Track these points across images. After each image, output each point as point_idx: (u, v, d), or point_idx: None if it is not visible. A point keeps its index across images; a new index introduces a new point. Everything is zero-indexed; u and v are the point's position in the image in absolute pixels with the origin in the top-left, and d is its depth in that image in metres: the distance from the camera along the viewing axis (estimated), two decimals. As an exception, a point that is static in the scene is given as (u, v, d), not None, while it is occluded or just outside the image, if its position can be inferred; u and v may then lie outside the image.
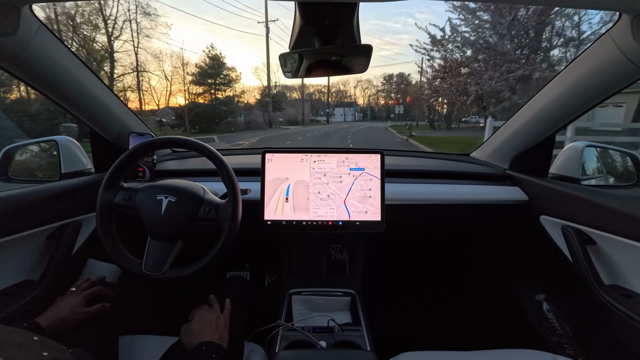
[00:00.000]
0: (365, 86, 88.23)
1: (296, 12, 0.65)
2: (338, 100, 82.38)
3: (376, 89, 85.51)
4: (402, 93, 70.24)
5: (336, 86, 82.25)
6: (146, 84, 24.77)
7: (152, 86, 29.72)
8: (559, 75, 0.91)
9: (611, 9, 0.64)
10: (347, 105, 77.92)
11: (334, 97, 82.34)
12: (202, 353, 0.64)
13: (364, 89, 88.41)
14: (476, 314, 1.47)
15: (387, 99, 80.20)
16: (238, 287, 1.00)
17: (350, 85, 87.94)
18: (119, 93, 6.03)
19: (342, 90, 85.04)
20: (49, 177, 1.09)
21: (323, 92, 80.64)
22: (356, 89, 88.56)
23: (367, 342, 0.90)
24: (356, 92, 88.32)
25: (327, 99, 59.88)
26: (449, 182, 1.18)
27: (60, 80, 0.85)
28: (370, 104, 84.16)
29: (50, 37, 0.77)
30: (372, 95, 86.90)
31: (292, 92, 67.05)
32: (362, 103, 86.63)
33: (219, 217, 0.78)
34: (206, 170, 1.17)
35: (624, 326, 0.75)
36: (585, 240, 0.87)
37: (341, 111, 73.20)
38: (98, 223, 0.77)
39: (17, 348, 0.32)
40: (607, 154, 1.20)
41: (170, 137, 0.83)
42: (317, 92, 78.25)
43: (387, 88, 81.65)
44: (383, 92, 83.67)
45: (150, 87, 30.18)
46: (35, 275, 0.84)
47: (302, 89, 32.14)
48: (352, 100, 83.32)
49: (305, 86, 67.58)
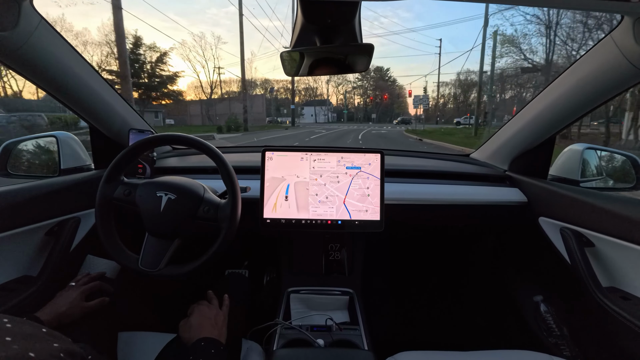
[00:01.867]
0: (339, 82, 73.35)
1: (298, 10, 0.65)
2: (308, 98, 69.50)
3: (352, 85, 71.48)
4: (381, 90, 63.03)
5: (305, 82, 68.78)
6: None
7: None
8: (560, 77, 0.91)
9: (613, 11, 0.64)
10: (318, 103, 65.49)
11: (303, 94, 69.96)
12: (201, 348, 0.64)
13: (338, 85, 73.63)
14: (474, 314, 1.47)
15: (364, 97, 70.80)
16: (237, 284, 1.00)
17: (322, 81, 73.65)
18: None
19: (312, 87, 70.30)
20: (48, 172, 1.09)
21: (289, 89, 64.94)
22: (329, 85, 73.58)
23: (364, 341, 0.90)
24: (329, 88, 73.43)
25: (292, 93, 41.22)
26: (449, 182, 1.18)
27: (61, 76, 0.84)
28: (346, 102, 69.80)
29: (51, 32, 0.77)
30: (348, 92, 72.74)
31: (256, 89, 55.32)
32: (335, 102, 74.20)
33: (217, 217, 0.78)
34: (206, 168, 1.17)
35: (621, 328, 0.75)
36: (583, 242, 0.88)
37: (311, 111, 62.31)
38: (97, 216, 0.77)
39: (28, 339, 0.32)
40: (606, 156, 1.20)
41: (172, 134, 0.83)
42: (283, 88, 64.16)
43: (364, 84, 70.21)
44: (359, 89, 71.00)
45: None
46: (33, 271, 0.84)
47: (242, 82, 22.86)
48: (325, 98, 70.76)
49: (269, 81, 59.56)
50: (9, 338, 0.30)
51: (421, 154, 1.51)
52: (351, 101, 73.62)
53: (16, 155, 1.08)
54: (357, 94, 73.20)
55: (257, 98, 41.71)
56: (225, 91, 43.68)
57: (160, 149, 1.40)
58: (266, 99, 48.06)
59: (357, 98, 73.92)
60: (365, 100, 70.26)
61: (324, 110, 63.79)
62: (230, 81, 50.70)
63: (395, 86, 68.84)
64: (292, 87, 35.30)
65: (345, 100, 68.24)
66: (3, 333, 0.31)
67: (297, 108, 60.48)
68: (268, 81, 60.96)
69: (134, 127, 1.13)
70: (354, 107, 72.43)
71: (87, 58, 0.90)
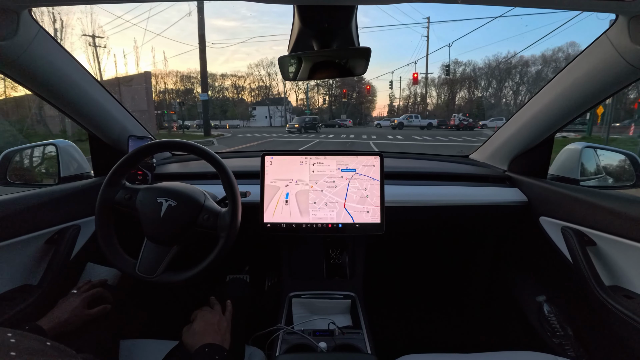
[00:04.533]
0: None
1: (295, 14, 0.66)
2: (264, 96, 57.01)
3: (315, 82, 49.04)
4: (350, 87, 50.08)
5: (257, 76, 57.00)
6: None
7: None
8: (557, 77, 0.91)
9: (608, 11, 0.64)
10: (274, 102, 52.47)
11: (256, 92, 58.05)
12: (205, 355, 0.64)
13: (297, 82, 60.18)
14: (477, 315, 1.47)
15: (330, 96, 58.21)
16: (238, 289, 0.99)
17: (279, 77, 55.14)
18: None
19: (265, 86, 57.69)
20: (48, 181, 1.09)
21: (239, 88, 55.55)
22: (286, 82, 59.98)
23: (367, 345, 0.89)
24: (286, 85, 56.72)
25: (203, 79, 17.32)
26: (449, 183, 1.18)
27: (60, 84, 0.85)
28: (308, 102, 55.49)
29: (50, 41, 0.77)
30: (311, 90, 58.55)
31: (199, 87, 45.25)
32: (295, 102, 59.76)
33: (217, 226, 0.77)
34: (205, 174, 1.17)
35: (625, 327, 0.74)
36: (585, 241, 0.87)
37: (265, 111, 50.82)
38: (96, 219, 0.77)
39: (33, 354, 0.32)
40: (605, 155, 1.20)
41: (173, 140, 0.83)
42: (232, 86, 55.21)
43: (328, 81, 51.00)
44: (323, 87, 58.35)
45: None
46: (33, 279, 0.84)
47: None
48: (283, 96, 55.19)
49: (213, 76, 52.85)
50: (13, 353, 0.30)
51: (420, 155, 1.52)
52: (313, 101, 60.60)
53: (16, 164, 1.08)
54: (320, 93, 60.71)
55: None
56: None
57: (160, 155, 1.40)
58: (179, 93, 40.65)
59: (321, 97, 61.23)
60: (331, 99, 59.21)
61: (280, 110, 51.57)
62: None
63: (361, 84, 52.96)
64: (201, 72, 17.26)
65: (307, 100, 54.26)
66: (7, 348, 0.31)
67: (248, 108, 52.88)
68: (213, 75, 52.27)
69: (133, 134, 1.14)
70: (318, 108, 59.32)
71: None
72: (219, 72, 65.01)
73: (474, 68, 49.78)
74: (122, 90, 15.96)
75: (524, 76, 43.43)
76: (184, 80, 51.75)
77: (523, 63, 43.47)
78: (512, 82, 45.11)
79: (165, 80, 47.81)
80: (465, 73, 50.13)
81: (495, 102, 46.22)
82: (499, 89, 46.44)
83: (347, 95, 48.00)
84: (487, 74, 47.44)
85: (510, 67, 44.48)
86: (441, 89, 52.61)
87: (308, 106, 53.66)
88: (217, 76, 57.34)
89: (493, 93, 47.51)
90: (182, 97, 47.67)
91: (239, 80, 58.90)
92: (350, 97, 54.66)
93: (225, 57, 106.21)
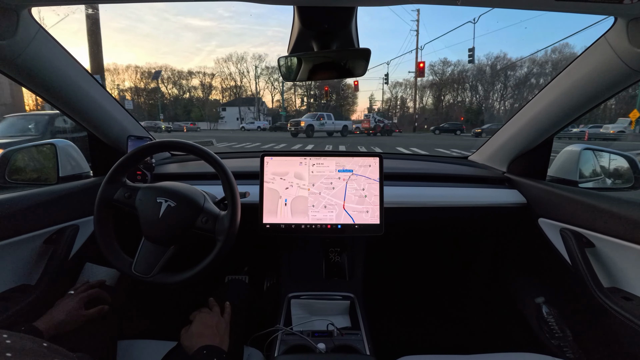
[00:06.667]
0: (275, 75, 52.81)
1: (295, 15, 0.66)
2: (235, 95, 52.72)
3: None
4: (330, 85, 43.17)
5: (227, 74, 53.29)
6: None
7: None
8: (556, 79, 0.92)
9: (606, 13, 0.64)
10: (246, 102, 47.94)
11: (228, 93, 53.91)
12: (203, 356, 0.64)
13: (273, 81, 53.20)
14: (476, 317, 1.47)
15: (308, 96, 53.68)
16: (237, 290, 0.99)
17: (250, 72, 53.43)
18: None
19: (237, 85, 53.37)
20: (47, 180, 1.09)
21: (205, 86, 50.97)
22: (259, 80, 53.28)
23: (366, 346, 0.89)
24: (259, 84, 53.46)
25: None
26: (448, 185, 1.18)
27: (59, 84, 0.85)
28: (283, 102, 49.66)
29: (50, 41, 0.77)
30: (287, 91, 54.59)
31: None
32: (271, 103, 54.88)
33: (215, 229, 0.77)
34: (205, 174, 1.17)
35: (624, 329, 0.75)
36: (583, 242, 0.88)
37: (236, 112, 45.93)
38: (95, 216, 0.77)
39: (30, 356, 0.32)
40: (604, 157, 1.20)
41: (173, 140, 0.83)
42: (200, 84, 51.17)
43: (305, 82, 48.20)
44: (302, 87, 53.95)
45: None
46: (31, 279, 0.84)
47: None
48: (256, 96, 49.97)
49: (180, 73, 50.25)
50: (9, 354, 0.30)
51: (420, 156, 1.52)
52: (291, 102, 56.33)
53: (14, 163, 1.08)
54: (298, 94, 56.13)
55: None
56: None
57: (159, 155, 1.40)
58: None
59: (299, 98, 56.65)
60: (309, 101, 54.18)
61: (252, 111, 46.74)
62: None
63: (342, 84, 49.80)
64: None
65: (282, 101, 49.01)
66: (3, 349, 0.31)
67: (217, 109, 49.05)
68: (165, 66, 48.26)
69: (133, 134, 1.13)
70: (295, 110, 54.59)
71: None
72: (185, 70, 60.44)
73: (463, 68, 46.59)
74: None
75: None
76: (145, 76, 48.45)
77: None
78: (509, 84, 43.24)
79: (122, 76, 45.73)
80: (455, 73, 47.36)
81: (490, 106, 43.80)
82: (501, 91, 44.05)
83: (329, 93, 41.81)
84: (491, 75, 44.83)
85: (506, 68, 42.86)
86: (424, 92, 49.91)
87: (284, 107, 48.21)
88: (184, 73, 54.10)
89: (486, 96, 45.19)
90: (142, 95, 45.58)
91: (206, 79, 54.21)
92: (331, 98, 50.75)
93: (201, 57, 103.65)
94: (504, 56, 44.77)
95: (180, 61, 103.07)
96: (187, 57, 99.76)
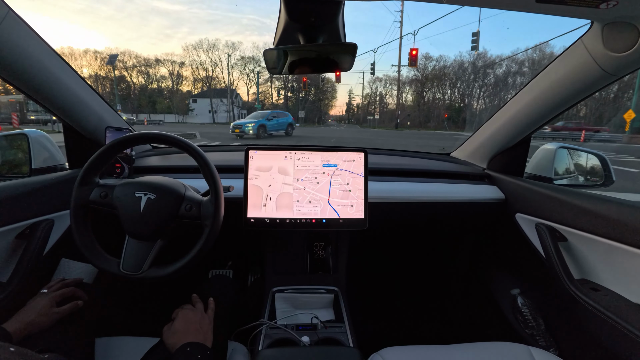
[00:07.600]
0: (251, 66, 49.66)
1: (281, 8, 0.65)
2: (206, 86, 49.08)
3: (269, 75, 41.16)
4: (309, 78, 34.19)
5: (198, 62, 49.00)
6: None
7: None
8: (534, 80, 0.95)
9: (583, 17, 0.67)
10: (218, 94, 44.50)
11: (201, 82, 49.86)
12: (187, 354, 0.63)
13: (249, 72, 49.71)
14: (455, 309, 1.52)
15: (285, 90, 51.07)
16: (221, 286, 0.98)
17: (223, 61, 49.02)
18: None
19: (209, 77, 49.19)
20: (19, 172, 1.04)
21: (174, 76, 46.12)
22: (232, 71, 49.68)
23: (350, 338, 0.91)
24: (233, 74, 49.61)
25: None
26: (430, 180, 1.21)
27: (31, 71, 0.80)
28: (258, 97, 45.67)
29: (20, 25, 0.73)
30: (262, 84, 50.62)
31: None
32: (247, 96, 51.31)
33: (200, 214, 0.76)
34: (187, 167, 1.14)
35: (592, 318, 0.79)
36: (557, 237, 0.92)
37: (207, 104, 43.36)
38: (72, 222, 0.74)
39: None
40: (577, 155, 1.26)
41: (151, 132, 0.80)
42: (170, 73, 46.79)
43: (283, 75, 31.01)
44: (279, 80, 50.21)
45: None
46: (3, 276, 0.80)
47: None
48: (229, 87, 46.57)
49: (148, 61, 45.64)
50: None
51: (404, 152, 1.54)
52: (268, 96, 53.00)
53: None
54: (275, 86, 52.72)
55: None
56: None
57: (140, 148, 1.36)
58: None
59: (275, 91, 53.61)
60: (286, 94, 51.80)
61: (225, 104, 43.27)
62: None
63: (320, 78, 48.59)
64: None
65: (257, 93, 45.25)
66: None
67: (188, 100, 45.60)
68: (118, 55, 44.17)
69: (111, 125, 1.09)
70: (271, 104, 51.05)
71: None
72: (152, 58, 53.38)
73: (445, 65, 45.21)
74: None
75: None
76: (103, 62, 44.51)
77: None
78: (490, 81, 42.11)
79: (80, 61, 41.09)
80: (436, 69, 45.30)
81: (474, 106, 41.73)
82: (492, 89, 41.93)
83: (307, 85, 40.89)
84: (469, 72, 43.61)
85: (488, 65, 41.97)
86: (404, 88, 47.75)
87: (259, 100, 44.13)
88: (151, 61, 48.75)
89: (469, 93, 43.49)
90: (106, 83, 41.30)
91: (176, 67, 49.30)
92: (309, 92, 49.64)
93: (171, 44, 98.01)
94: (484, 53, 44.69)
95: (147, 48, 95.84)
96: (155, 45, 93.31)
